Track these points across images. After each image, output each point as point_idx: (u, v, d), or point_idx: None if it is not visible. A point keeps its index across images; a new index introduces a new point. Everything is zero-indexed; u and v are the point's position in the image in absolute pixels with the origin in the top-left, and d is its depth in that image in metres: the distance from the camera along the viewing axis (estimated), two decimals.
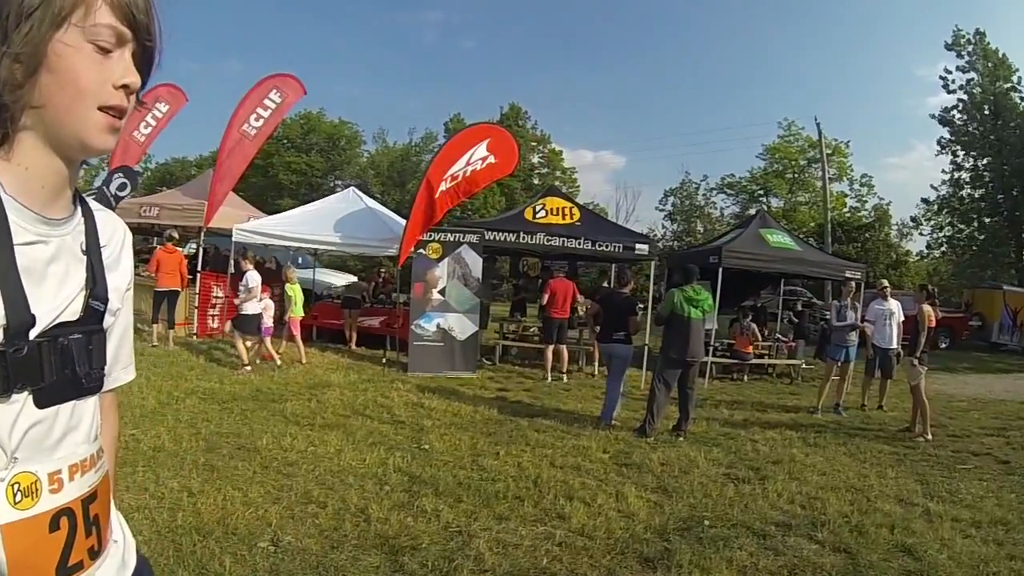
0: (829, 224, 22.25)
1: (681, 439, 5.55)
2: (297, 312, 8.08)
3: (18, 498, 0.70)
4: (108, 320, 0.82)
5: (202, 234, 9.47)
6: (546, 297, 8.61)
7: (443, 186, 8.39)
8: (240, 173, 10.19)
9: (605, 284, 11.59)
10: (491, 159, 8.58)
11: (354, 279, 13.00)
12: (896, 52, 55.81)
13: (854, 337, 7.17)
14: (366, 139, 38.74)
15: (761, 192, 32.80)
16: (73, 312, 0.75)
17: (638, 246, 8.84)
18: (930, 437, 5.98)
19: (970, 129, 22.36)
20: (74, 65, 0.67)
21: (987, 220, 22.34)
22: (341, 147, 35.99)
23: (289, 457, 4.37)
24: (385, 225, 9.82)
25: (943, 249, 24.52)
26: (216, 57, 63.14)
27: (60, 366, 0.72)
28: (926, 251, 25.86)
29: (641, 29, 60.46)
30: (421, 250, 8.49)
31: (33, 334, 0.70)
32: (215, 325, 9.82)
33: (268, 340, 7.88)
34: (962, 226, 23.12)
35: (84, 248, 0.79)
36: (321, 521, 3.24)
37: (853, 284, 7.39)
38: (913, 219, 26.38)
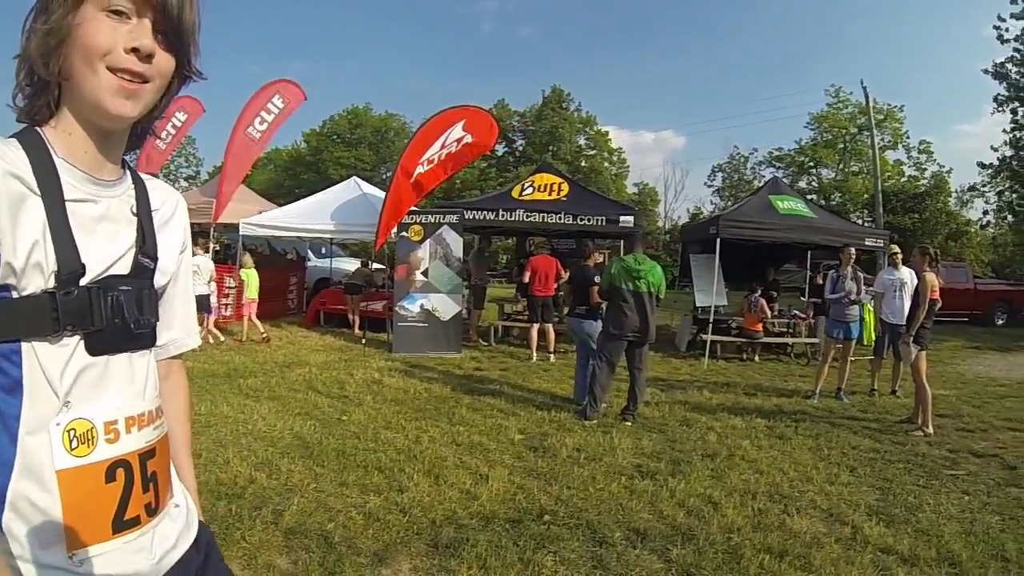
0: (880, 193, 19.96)
1: (628, 423, 5.15)
2: (251, 294, 8.42)
3: (74, 444, 0.71)
4: (159, 279, 0.86)
5: (211, 229, 9.99)
6: (527, 275, 8.35)
7: (419, 170, 8.34)
8: (245, 173, 10.72)
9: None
10: (468, 138, 8.40)
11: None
12: (961, 12, 49.45)
13: (855, 311, 6.33)
14: (414, 129, 39.45)
15: (811, 164, 30.27)
16: (124, 267, 0.79)
17: (623, 218, 8.34)
18: (931, 431, 5.03)
19: None
20: (87, 32, 0.72)
21: None
22: (390, 139, 36.89)
23: (209, 421, 4.55)
24: (378, 212, 9.91)
25: (1006, 216, 21.34)
26: (278, 59, 66.52)
27: (111, 315, 0.75)
28: (983, 219, 22.79)
29: (700, 7, 57.31)
30: (403, 232, 8.50)
31: (83, 281, 0.73)
32: (227, 313, 10.38)
33: (212, 320, 8.31)
34: None
35: (134, 210, 0.83)
36: None
37: (852, 250, 6.42)
38: (972, 186, 23.25)
